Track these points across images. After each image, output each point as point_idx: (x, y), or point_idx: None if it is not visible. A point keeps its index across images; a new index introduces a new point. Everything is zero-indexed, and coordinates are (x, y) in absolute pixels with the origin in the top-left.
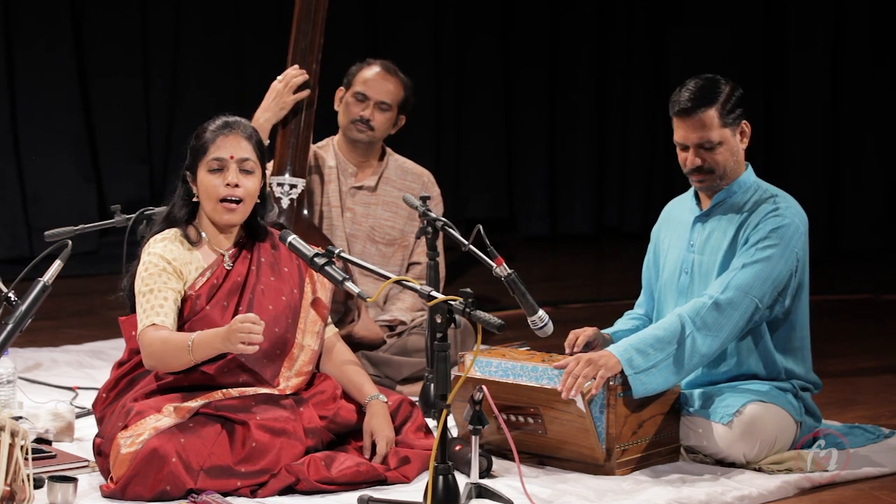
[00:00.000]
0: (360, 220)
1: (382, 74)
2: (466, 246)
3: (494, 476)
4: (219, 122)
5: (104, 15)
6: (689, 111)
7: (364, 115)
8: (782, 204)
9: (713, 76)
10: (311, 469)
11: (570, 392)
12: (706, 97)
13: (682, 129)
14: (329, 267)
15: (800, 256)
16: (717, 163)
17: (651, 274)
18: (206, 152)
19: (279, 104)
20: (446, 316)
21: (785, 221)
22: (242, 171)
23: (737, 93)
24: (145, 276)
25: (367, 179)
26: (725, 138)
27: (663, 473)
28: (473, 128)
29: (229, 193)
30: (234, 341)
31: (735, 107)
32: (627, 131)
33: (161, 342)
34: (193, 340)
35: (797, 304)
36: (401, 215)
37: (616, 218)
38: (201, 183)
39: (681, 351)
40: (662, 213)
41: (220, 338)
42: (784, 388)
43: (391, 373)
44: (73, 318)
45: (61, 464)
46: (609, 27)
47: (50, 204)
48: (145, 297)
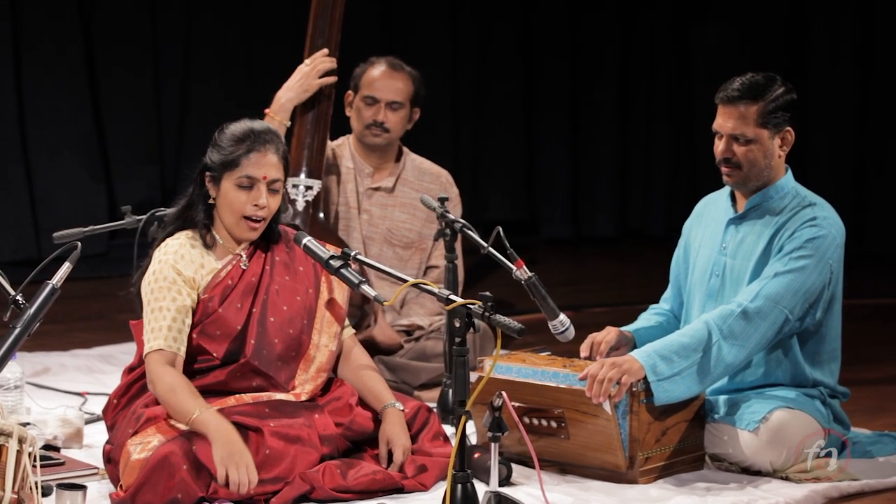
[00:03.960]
0: (376, 222)
1: (389, 73)
2: (486, 248)
3: (514, 484)
4: (248, 131)
5: (113, 10)
6: (733, 100)
7: (377, 119)
8: (820, 213)
9: (773, 75)
10: (327, 477)
11: (598, 398)
12: (754, 92)
13: (721, 117)
14: (345, 270)
15: (834, 269)
16: (747, 159)
17: (680, 270)
18: (238, 166)
19: (304, 86)
20: (465, 320)
21: (822, 232)
22: (271, 191)
23: (787, 97)
24: (154, 288)
25: (385, 181)
26: (761, 138)
27: (688, 482)
28: (493, 126)
29: (254, 214)
30: (223, 465)
31: (781, 110)
32: (651, 130)
33: (168, 391)
34: (194, 420)
35: (829, 317)
36: (418, 217)
37: (639, 220)
38: (226, 195)
39: (706, 359)
40: (696, 208)
41: (223, 442)
42: (812, 394)
43: (409, 378)
44: (83, 322)
45: (70, 471)
46: (632, 24)
47: (58, 205)
48: (154, 315)
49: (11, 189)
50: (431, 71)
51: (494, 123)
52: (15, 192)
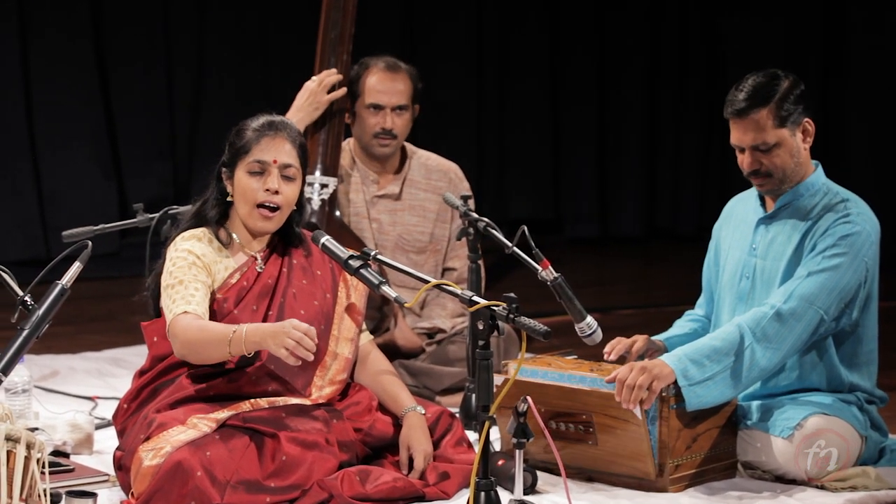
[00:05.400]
0: (386, 229)
1: (389, 76)
2: (510, 248)
3: (540, 492)
4: (263, 121)
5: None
6: (743, 112)
7: (385, 127)
8: (853, 209)
9: (772, 72)
10: (345, 485)
11: (628, 404)
12: (760, 96)
13: (737, 131)
14: (365, 270)
15: (869, 266)
16: (776, 165)
17: (711, 273)
18: (248, 153)
19: (313, 104)
20: (489, 322)
21: (856, 229)
22: (284, 178)
23: (796, 90)
24: (173, 270)
25: (390, 186)
26: (783, 139)
27: (719, 491)
28: (517, 124)
29: (268, 199)
30: (280, 344)
31: (793, 105)
32: (680, 126)
33: (198, 329)
34: (237, 331)
35: (865, 317)
36: (429, 219)
37: (669, 219)
38: (238, 184)
39: (739, 363)
40: (725, 209)
41: (268, 333)
42: (848, 400)
43: (430, 383)
44: (93, 324)
45: (80, 478)
46: (660, 17)
47: (68, 202)
48: (174, 289)
49: (19, 186)
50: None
51: (519, 120)
52: (23, 189)
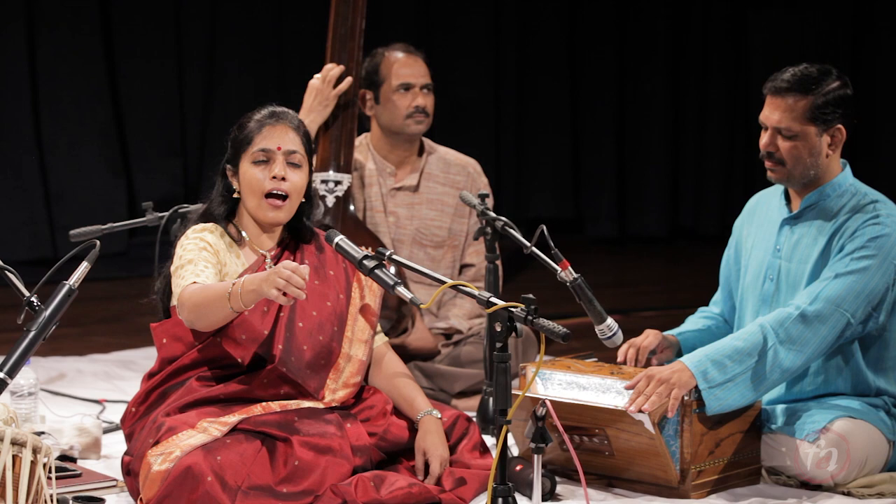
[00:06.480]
0: (403, 223)
1: (412, 58)
2: (529, 248)
3: (558, 499)
4: (264, 112)
5: None
6: (781, 91)
7: (419, 104)
8: (883, 211)
9: (828, 68)
10: (359, 490)
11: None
12: (804, 84)
13: (767, 108)
14: (379, 270)
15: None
16: (790, 156)
17: (731, 271)
18: (251, 143)
19: (322, 102)
20: (507, 324)
21: (885, 231)
22: (290, 165)
23: (841, 92)
24: (183, 254)
25: (408, 178)
26: (807, 134)
27: (743, 497)
28: (536, 122)
29: (275, 187)
30: (271, 285)
31: (832, 106)
32: (704, 124)
33: (201, 290)
34: (235, 283)
35: (892, 321)
36: (447, 213)
37: (691, 218)
38: (244, 176)
39: (761, 365)
40: (747, 205)
41: (261, 279)
42: (875, 404)
43: (446, 386)
44: (101, 325)
45: (87, 483)
46: (684, 11)
47: (75, 201)
48: (184, 268)
49: (26, 184)
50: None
51: (538, 118)
52: (29, 187)
